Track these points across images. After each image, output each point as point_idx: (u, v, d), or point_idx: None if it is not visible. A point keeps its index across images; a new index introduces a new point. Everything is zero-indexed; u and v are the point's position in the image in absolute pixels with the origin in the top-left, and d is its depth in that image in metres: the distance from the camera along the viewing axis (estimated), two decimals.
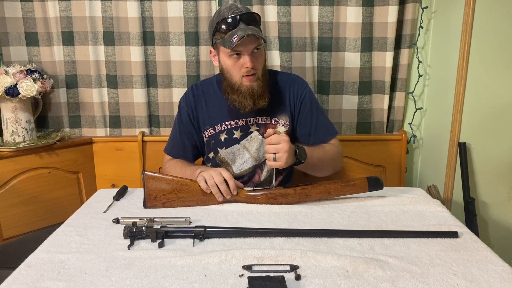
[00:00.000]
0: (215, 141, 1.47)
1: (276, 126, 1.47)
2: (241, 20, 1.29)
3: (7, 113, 1.76)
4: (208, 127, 1.47)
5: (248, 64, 1.30)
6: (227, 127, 1.46)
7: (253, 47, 1.30)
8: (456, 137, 1.67)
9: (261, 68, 1.36)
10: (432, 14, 1.89)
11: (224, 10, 1.33)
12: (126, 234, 0.99)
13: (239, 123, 1.45)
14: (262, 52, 1.36)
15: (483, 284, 0.81)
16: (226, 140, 1.46)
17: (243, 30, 1.27)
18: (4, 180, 1.70)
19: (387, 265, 0.87)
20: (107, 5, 1.87)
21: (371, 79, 1.94)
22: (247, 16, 1.31)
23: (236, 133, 1.45)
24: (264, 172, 1.49)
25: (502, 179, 1.65)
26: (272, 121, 1.46)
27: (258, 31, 1.31)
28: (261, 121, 1.46)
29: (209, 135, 1.48)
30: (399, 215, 1.14)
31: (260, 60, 1.35)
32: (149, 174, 1.21)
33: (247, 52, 1.30)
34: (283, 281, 0.79)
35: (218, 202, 1.22)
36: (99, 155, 1.97)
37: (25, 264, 0.89)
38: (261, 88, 1.36)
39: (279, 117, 1.46)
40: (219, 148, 1.47)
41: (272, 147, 1.20)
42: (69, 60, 1.94)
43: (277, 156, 1.20)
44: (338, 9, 1.86)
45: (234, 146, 1.46)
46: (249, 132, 1.46)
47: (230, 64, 1.34)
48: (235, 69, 1.34)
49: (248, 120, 1.45)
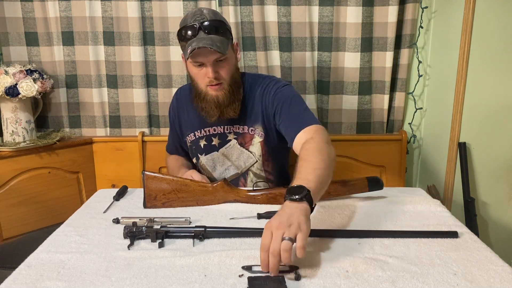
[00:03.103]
0: (196, 146, 1.46)
1: (253, 136, 1.40)
2: (200, 29, 1.22)
3: (7, 113, 1.76)
4: (189, 133, 1.46)
5: (210, 74, 1.25)
6: (206, 133, 1.43)
7: (214, 58, 1.24)
8: (456, 137, 1.67)
9: (228, 77, 1.29)
10: (432, 14, 1.89)
11: (188, 16, 1.27)
12: (126, 234, 0.99)
13: (217, 130, 1.41)
14: (228, 61, 1.28)
15: (483, 284, 0.81)
16: (206, 147, 1.44)
17: (198, 41, 1.20)
18: (4, 180, 1.70)
19: (387, 265, 0.87)
20: (107, 5, 1.87)
21: (371, 79, 1.94)
22: (208, 24, 1.23)
23: (214, 140, 1.43)
24: (248, 181, 1.46)
25: (502, 179, 1.65)
26: (249, 131, 1.40)
27: (218, 42, 1.21)
28: (238, 130, 1.41)
29: (191, 140, 1.46)
30: (399, 215, 1.14)
31: (225, 69, 1.28)
32: (149, 174, 1.21)
33: (208, 62, 1.24)
34: (283, 281, 0.79)
35: (218, 202, 1.22)
36: (99, 155, 1.97)
37: (25, 264, 0.89)
38: (228, 97, 1.30)
39: (255, 126, 1.39)
40: (199, 154, 1.45)
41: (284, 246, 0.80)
42: (69, 60, 1.94)
43: (291, 233, 0.82)
44: (338, 9, 1.86)
45: (213, 153, 1.44)
46: (227, 140, 1.42)
47: (195, 73, 1.30)
48: (199, 78, 1.29)
49: (226, 128, 1.41)
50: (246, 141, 1.42)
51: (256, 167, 1.44)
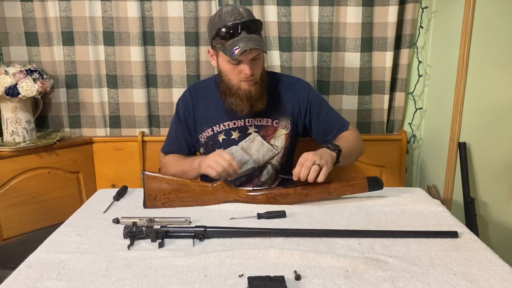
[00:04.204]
0: (213, 142, 1.47)
1: (277, 129, 1.47)
2: (243, 28, 1.27)
3: (7, 113, 1.76)
4: (206, 128, 1.47)
5: (247, 71, 1.31)
6: (225, 127, 1.46)
7: (252, 56, 1.30)
8: (456, 137, 1.67)
9: (259, 73, 1.36)
10: (432, 14, 1.89)
11: (225, 14, 1.29)
12: (126, 234, 0.99)
13: (237, 123, 1.45)
14: (261, 59, 1.36)
15: (483, 284, 0.81)
16: (224, 141, 1.46)
17: (245, 42, 1.25)
18: (4, 180, 1.70)
19: (387, 265, 0.87)
20: (107, 5, 1.87)
21: (371, 79, 1.94)
22: (249, 23, 1.28)
23: (234, 134, 1.45)
24: (264, 174, 1.49)
25: (502, 179, 1.65)
26: (273, 123, 1.46)
27: (260, 41, 1.30)
28: (260, 123, 1.46)
29: (207, 136, 1.48)
30: (399, 215, 1.14)
31: (259, 66, 1.35)
32: (149, 174, 1.21)
33: (246, 60, 1.30)
34: (283, 281, 0.79)
35: (218, 202, 1.22)
36: (99, 155, 1.97)
37: (25, 264, 0.89)
38: (259, 91, 1.36)
39: (280, 119, 1.47)
40: (217, 148, 1.46)
41: (314, 168, 1.16)
42: (69, 60, 1.94)
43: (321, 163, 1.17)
44: (338, 9, 1.86)
45: (232, 148, 1.46)
46: (247, 134, 1.46)
47: (228, 69, 1.34)
48: (233, 74, 1.34)
49: (246, 121, 1.45)
50: (269, 133, 1.47)
51: (276, 159, 1.48)
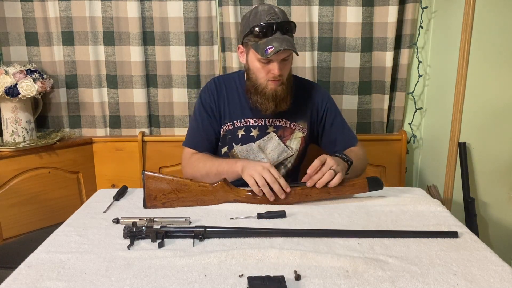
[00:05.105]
0: (232, 136, 1.47)
1: (294, 131, 1.47)
2: (277, 29, 1.28)
3: (7, 113, 1.76)
4: (227, 121, 1.47)
5: (276, 71, 1.31)
6: (246, 124, 1.46)
7: (283, 56, 1.31)
8: (456, 137, 1.67)
9: (287, 74, 1.37)
10: (432, 14, 1.89)
11: (261, 13, 1.30)
12: (126, 234, 0.99)
13: (258, 122, 1.45)
14: (290, 60, 1.37)
15: (483, 284, 0.81)
16: (243, 137, 1.46)
17: (279, 42, 1.26)
18: (4, 180, 1.70)
19: (387, 265, 0.87)
20: (107, 5, 1.87)
21: (371, 79, 1.94)
22: (284, 24, 1.29)
23: (254, 131, 1.46)
24: None
25: (502, 179, 1.65)
26: (291, 125, 1.47)
27: (293, 43, 1.31)
28: (280, 123, 1.46)
29: (227, 129, 1.47)
30: (399, 215, 1.14)
31: (287, 67, 1.36)
32: (149, 174, 1.21)
33: (277, 60, 1.30)
34: (283, 281, 0.79)
35: (218, 202, 1.22)
36: (99, 155, 1.97)
37: (25, 264, 0.89)
38: (285, 92, 1.37)
39: (298, 122, 1.48)
40: (234, 143, 1.46)
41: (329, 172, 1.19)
42: (69, 60, 1.94)
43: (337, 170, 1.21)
44: (338, 9, 1.86)
45: (250, 144, 1.46)
46: (267, 133, 1.46)
47: (258, 67, 1.34)
48: (262, 73, 1.34)
49: (267, 120, 1.45)
50: (286, 135, 1.48)
51: (289, 160, 1.49)
